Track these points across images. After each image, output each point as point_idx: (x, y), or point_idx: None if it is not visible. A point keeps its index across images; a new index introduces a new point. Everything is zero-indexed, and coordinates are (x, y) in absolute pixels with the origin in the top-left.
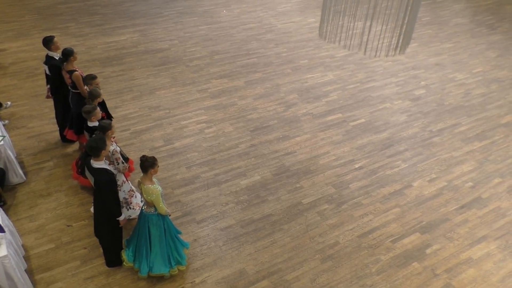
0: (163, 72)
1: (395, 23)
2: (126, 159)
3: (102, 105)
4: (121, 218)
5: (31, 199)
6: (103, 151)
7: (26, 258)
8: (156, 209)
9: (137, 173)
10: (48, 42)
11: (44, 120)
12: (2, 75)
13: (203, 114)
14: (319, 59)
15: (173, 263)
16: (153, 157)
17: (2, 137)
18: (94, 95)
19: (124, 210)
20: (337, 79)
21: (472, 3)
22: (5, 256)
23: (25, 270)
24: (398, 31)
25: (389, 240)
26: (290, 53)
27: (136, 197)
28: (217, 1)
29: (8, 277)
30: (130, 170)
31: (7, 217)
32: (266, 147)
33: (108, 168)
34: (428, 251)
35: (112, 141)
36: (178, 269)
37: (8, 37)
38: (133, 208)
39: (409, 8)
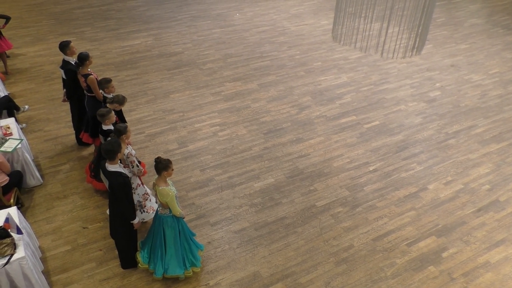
0: (177, 75)
1: (409, 25)
2: (138, 162)
3: (118, 111)
4: (135, 221)
5: (47, 202)
6: (118, 154)
7: (43, 260)
8: (171, 211)
9: (152, 175)
10: (64, 47)
11: (61, 124)
12: (20, 79)
13: (217, 117)
14: (332, 61)
15: (187, 265)
16: (168, 160)
17: (19, 141)
18: (120, 100)
19: (138, 213)
20: (351, 81)
21: (488, 3)
22: (22, 258)
23: (42, 272)
24: (414, 32)
25: (405, 243)
26: (303, 56)
27: (150, 200)
28: (230, 5)
29: (26, 278)
30: (143, 173)
31: (24, 219)
32: (279, 149)
33: (122, 171)
34: (444, 254)
35: (127, 145)
36: (193, 271)
37: (25, 42)
38: (146, 212)
39: (425, 9)
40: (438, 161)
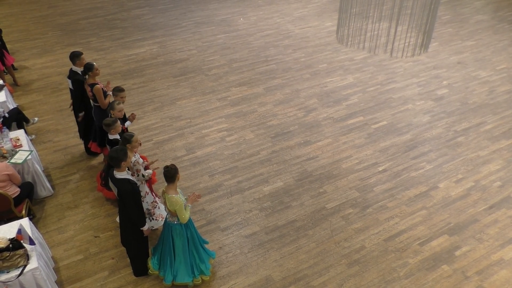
0: (183, 82)
1: (414, 23)
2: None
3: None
4: (145, 228)
5: (59, 212)
6: (123, 162)
7: (56, 270)
8: (179, 219)
9: (162, 183)
10: (74, 56)
11: (70, 134)
12: (28, 91)
13: (224, 122)
14: (338, 63)
15: (196, 273)
16: (174, 165)
17: (29, 152)
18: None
19: (147, 220)
20: (357, 82)
21: None
22: (36, 268)
23: (55, 282)
24: (421, 30)
25: (417, 243)
26: (309, 58)
27: (159, 208)
28: (233, 10)
29: None
30: (153, 182)
31: (36, 230)
32: (287, 153)
33: (130, 178)
34: (457, 253)
35: (135, 152)
36: (202, 279)
37: (32, 54)
38: (155, 219)
39: (431, 7)
40: (448, 159)
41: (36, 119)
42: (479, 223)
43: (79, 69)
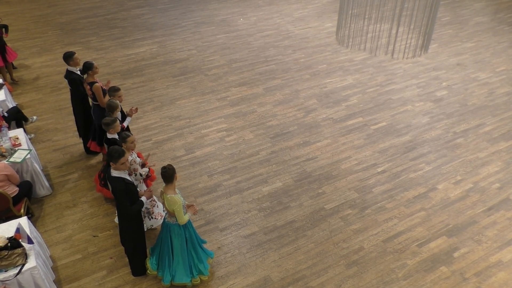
0: (182, 82)
1: (414, 24)
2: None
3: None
4: (144, 200)
5: (57, 211)
6: (119, 161)
7: (54, 269)
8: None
9: (161, 182)
10: (68, 57)
11: (69, 133)
12: (28, 90)
13: (223, 122)
14: (337, 64)
15: (195, 273)
16: (171, 165)
17: (28, 151)
18: (112, 106)
19: (146, 219)
20: (357, 83)
21: (493, 1)
22: (34, 267)
23: (54, 281)
24: (420, 31)
25: (415, 244)
26: (308, 59)
27: (158, 207)
28: (233, 10)
29: (37, 287)
30: (152, 178)
31: (35, 229)
32: (287, 153)
33: (126, 177)
34: (456, 254)
35: (132, 152)
36: (200, 279)
37: (32, 53)
38: (155, 218)
39: (432, 8)
40: (447, 160)
41: (35, 117)
42: (477, 224)
43: (74, 69)
